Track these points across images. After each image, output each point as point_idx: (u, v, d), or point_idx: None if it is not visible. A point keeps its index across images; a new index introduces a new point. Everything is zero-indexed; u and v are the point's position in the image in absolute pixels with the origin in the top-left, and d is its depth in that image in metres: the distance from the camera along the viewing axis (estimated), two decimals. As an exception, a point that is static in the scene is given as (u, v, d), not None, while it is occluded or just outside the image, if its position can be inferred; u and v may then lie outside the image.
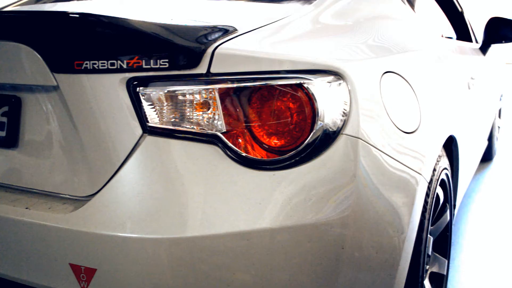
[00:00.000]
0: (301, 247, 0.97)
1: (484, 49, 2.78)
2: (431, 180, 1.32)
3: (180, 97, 0.99)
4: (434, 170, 1.35)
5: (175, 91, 0.98)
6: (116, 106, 0.99)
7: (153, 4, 1.36)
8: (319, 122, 0.99)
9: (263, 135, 1.00)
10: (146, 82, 0.98)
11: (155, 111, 0.99)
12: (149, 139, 0.98)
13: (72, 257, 0.97)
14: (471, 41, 2.81)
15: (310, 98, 0.98)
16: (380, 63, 1.18)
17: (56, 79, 1.01)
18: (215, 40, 0.99)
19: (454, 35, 2.77)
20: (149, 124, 0.99)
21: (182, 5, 1.35)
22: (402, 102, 1.19)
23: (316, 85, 0.99)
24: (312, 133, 0.99)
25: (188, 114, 0.99)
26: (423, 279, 1.34)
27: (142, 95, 0.99)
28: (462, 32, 2.77)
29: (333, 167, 1.00)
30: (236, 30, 1.04)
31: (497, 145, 3.88)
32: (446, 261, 1.64)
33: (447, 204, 1.61)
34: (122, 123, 0.99)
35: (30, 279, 1.03)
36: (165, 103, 0.99)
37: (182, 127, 0.99)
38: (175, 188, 0.96)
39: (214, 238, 0.93)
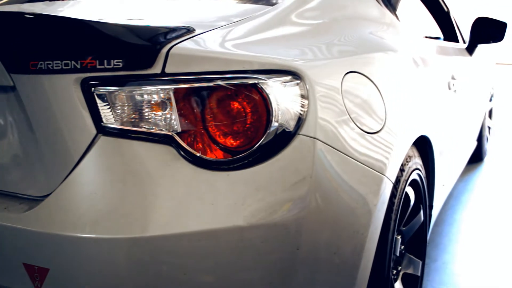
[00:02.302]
0: (254, 248, 0.97)
1: (470, 49, 2.77)
2: (398, 180, 1.31)
3: (135, 97, 0.98)
4: (402, 170, 1.35)
5: (129, 91, 0.98)
6: (71, 106, 0.98)
7: (117, 4, 1.36)
8: (274, 122, 0.99)
9: (219, 136, 1.00)
10: (100, 82, 0.98)
11: (109, 111, 0.99)
12: (103, 139, 0.98)
13: (26, 256, 0.97)
14: (458, 41, 2.80)
15: (265, 98, 0.98)
16: (343, 63, 1.18)
17: (13, 79, 1.01)
18: (170, 40, 0.98)
19: (442, 36, 2.76)
20: (104, 124, 0.98)
21: (146, 5, 1.35)
22: (366, 102, 1.19)
23: (271, 85, 0.98)
24: (266, 134, 0.98)
25: (142, 114, 0.99)
26: (389, 280, 1.33)
27: (97, 96, 0.98)
28: (449, 32, 2.76)
29: (288, 167, 0.99)
30: (193, 30, 1.04)
31: (488, 146, 3.87)
32: (421, 262, 1.63)
33: (421, 205, 1.60)
34: (77, 123, 0.99)
35: (-15, 278, 1.03)
36: (120, 103, 0.99)
37: (137, 127, 0.99)
38: (127, 188, 0.96)
39: (165, 238, 0.93)
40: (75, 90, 0.98)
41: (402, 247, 1.53)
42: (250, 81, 0.98)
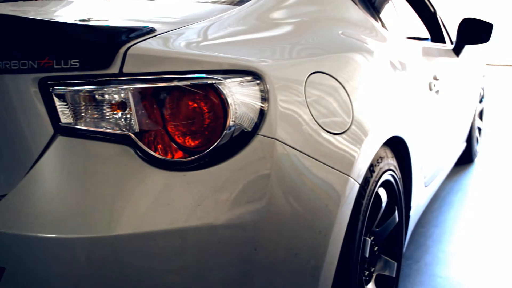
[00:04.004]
0: (211, 248, 0.96)
1: (457, 50, 2.76)
2: (367, 181, 1.31)
3: (93, 97, 0.98)
4: (372, 171, 1.34)
5: (87, 91, 0.98)
6: (30, 106, 0.99)
7: (88, 5, 1.36)
8: (231, 122, 0.98)
9: (177, 136, 1.00)
10: (58, 82, 0.98)
11: (67, 111, 0.99)
12: (61, 139, 0.98)
13: (-18, 256, 0.97)
14: (445, 42, 2.79)
15: (222, 99, 0.98)
16: (308, 63, 1.17)
17: (-28, 79, 1.01)
18: (129, 40, 0.98)
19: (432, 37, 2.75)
20: (62, 124, 0.98)
21: (111, 5, 1.35)
22: (331, 103, 1.18)
23: (228, 86, 0.98)
24: (223, 134, 0.98)
25: (100, 114, 0.99)
26: (359, 281, 1.33)
27: (55, 95, 0.98)
28: (436, 33, 2.75)
29: (246, 168, 0.99)
30: (154, 30, 1.04)
31: (478, 147, 3.85)
32: (396, 264, 1.62)
33: (396, 206, 1.59)
34: (35, 123, 0.99)
35: None
36: (78, 103, 0.99)
37: (95, 127, 0.99)
38: (84, 188, 0.96)
39: (121, 238, 0.93)
40: (33, 90, 0.98)
41: (376, 248, 1.53)
42: (207, 81, 0.98)
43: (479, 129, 3.83)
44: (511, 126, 5.51)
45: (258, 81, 1.02)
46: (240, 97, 0.99)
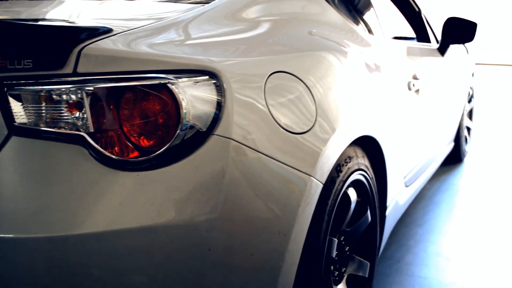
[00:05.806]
0: (163, 248, 0.96)
1: (442, 49, 2.75)
2: (333, 181, 1.30)
3: (47, 98, 0.98)
4: (339, 171, 1.34)
5: (41, 91, 0.98)
6: (-16, 106, 0.99)
7: (41, 5, 1.36)
8: (185, 122, 0.98)
9: (131, 136, 1.00)
10: (12, 82, 0.98)
11: (22, 111, 0.99)
12: (15, 139, 0.98)
13: None
14: (430, 41, 2.78)
15: (175, 98, 0.98)
16: (270, 62, 1.17)
17: None
18: (83, 40, 0.98)
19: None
20: (16, 125, 0.98)
21: (75, 6, 1.35)
22: (293, 102, 1.18)
23: (181, 85, 0.98)
24: (177, 134, 0.98)
25: (54, 114, 0.99)
26: (327, 282, 1.32)
27: (10, 95, 0.98)
28: (421, 33, 2.75)
29: (201, 168, 0.99)
30: (110, 30, 1.03)
31: (468, 147, 3.84)
32: (369, 264, 1.62)
33: (368, 206, 1.59)
34: (-11, 124, 0.99)
35: None
36: (32, 104, 0.99)
37: (49, 127, 0.99)
38: (38, 188, 0.96)
39: (73, 238, 0.93)
40: None
41: (347, 248, 1.52)
42: (160, 81, 0.97)
43: (468, 129, 3.82)
44: (501, 126, 5.50)
45: (214, 81, 1.02)
46: (194, 97, 0.99)
